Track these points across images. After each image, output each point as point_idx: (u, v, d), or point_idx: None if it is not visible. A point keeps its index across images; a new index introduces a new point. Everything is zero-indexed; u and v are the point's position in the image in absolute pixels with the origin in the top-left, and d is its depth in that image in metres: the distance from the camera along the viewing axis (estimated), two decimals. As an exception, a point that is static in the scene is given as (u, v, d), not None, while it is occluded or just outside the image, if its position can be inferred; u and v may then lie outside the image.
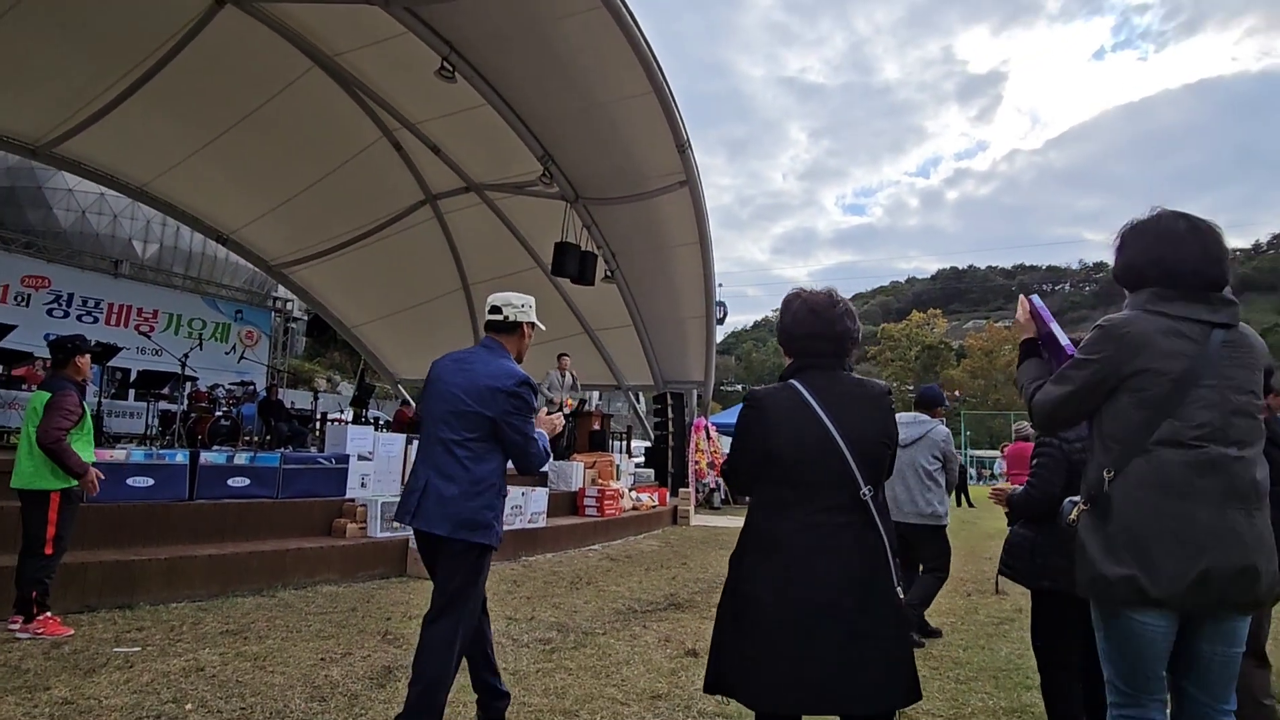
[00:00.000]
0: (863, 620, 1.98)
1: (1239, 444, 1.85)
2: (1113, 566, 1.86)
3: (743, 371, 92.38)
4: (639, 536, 10.54)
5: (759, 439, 2.14)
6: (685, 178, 10.46)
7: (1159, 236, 2.01)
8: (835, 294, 2.29)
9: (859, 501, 2.06)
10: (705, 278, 12.56)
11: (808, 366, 2.22)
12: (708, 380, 14.67)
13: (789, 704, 2.01)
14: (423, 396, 3.17)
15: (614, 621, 5.33)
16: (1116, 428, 1.94)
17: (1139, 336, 1.91)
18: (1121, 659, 1.94)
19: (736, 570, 2.18)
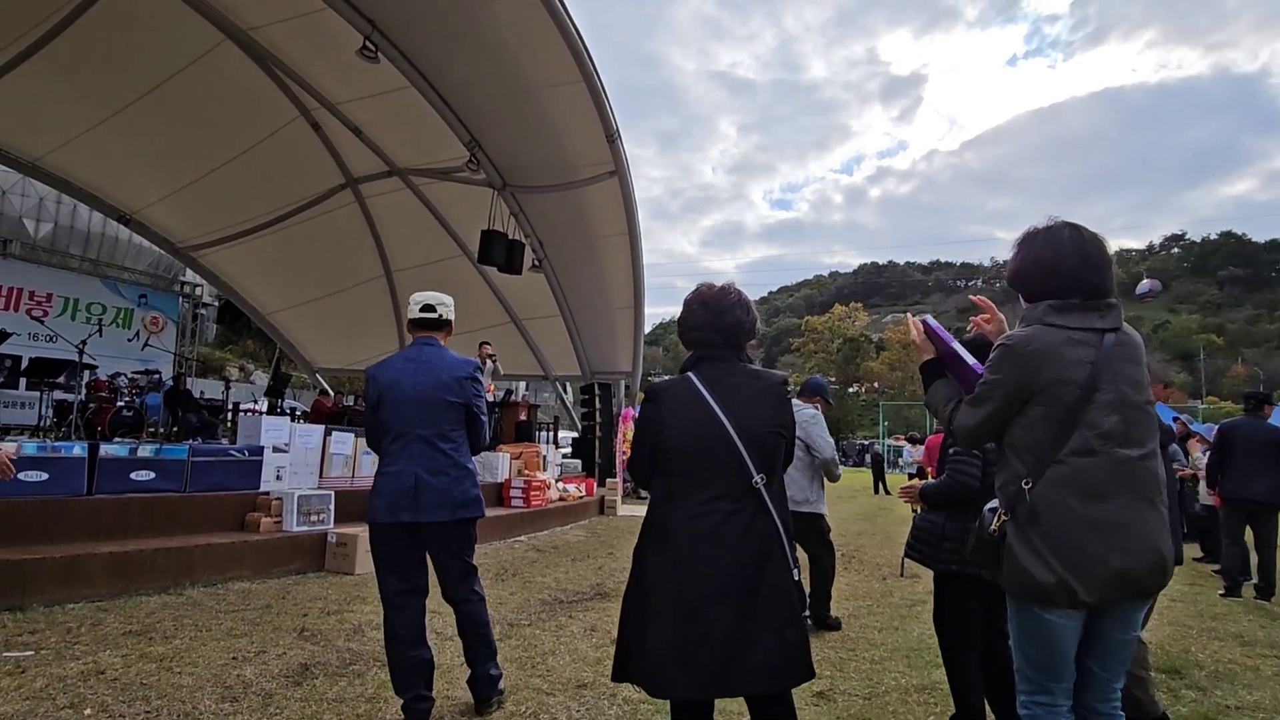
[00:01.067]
0: (754, 604, 2.06)
1: (1139, 443, 1.97)
2: (1045, 573, 1.91)
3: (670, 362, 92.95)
4: (566, 527, 10.51)
5: (654, 431, 2.21)
6: (615, 168, 10.45)
7: (1047, 245, 2.10)
8: (730, 287, 2.34)
9: (752, 489, 2.13)
10: (634, 268, 12.59)
11: (703, 359, 2.28)
12: (635, 371, 14.73)
13: (685, 689, 2.07)
14: (381, 403, 3.28)
15: (540, 612, 5.31)
16: (1030, 439, 2.00)
17: (1043, 351, 1.98)
18: (1036, 651, 2.02)
19: (638, 562, 2.24)
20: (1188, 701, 3.75)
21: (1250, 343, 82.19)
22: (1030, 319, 2.08)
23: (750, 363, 2.33)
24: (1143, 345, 2.11)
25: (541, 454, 11.74)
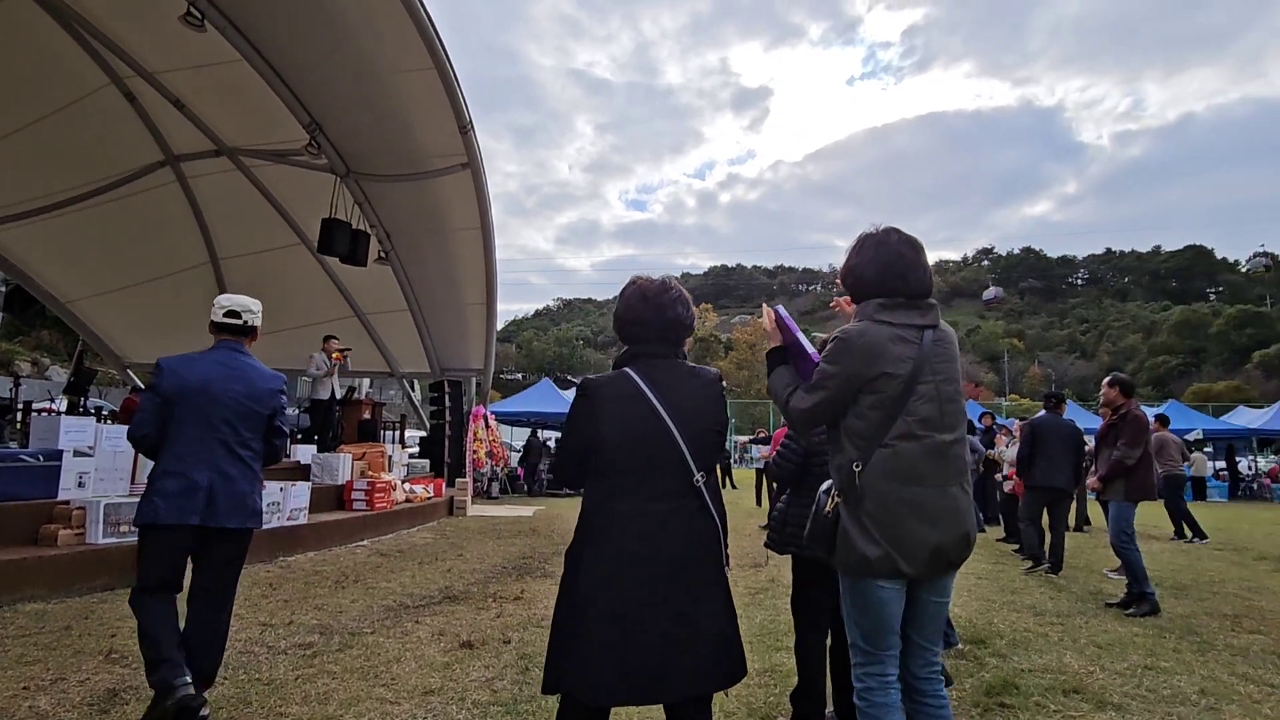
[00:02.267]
0: (690, 606, 2.03)
1: (952, 430, 2.21)
2: (872, 548, 2.13)
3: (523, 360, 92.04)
4: (412, 530, 10.15)
5: (591, 428, 2.11)
6: (467, 160, 10.17)
7: (877, 247, 2.31)
8: (670, 281, 2.30)
9: (692, 487, 2.10)
10: (487, 264, 12.31)
11: (641, 354, 2.22)
12: (487, 368, 14.42)
13: (625, 695, 2.00)
14: (181, 400, 3.17)
15: (384, 619, 5.10)
16: (860, 426, 2.19)
17: (874, 344, 2.18)
18: (866, 621, 2.22)
19: (572, 564, 2.13)
20: (991, 668, 4.17)
21: (1045, 347, 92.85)
22: (862, 315, 2.28)
23: (686, 359, 2.29)
24: (956, 341, 2.36)
25: (386, 454, 11.27)
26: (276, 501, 7.58)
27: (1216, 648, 4.70)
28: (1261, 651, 4.61)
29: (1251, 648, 4.70)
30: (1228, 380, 63.68)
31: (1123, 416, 6.12)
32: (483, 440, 14.61)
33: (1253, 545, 10.29)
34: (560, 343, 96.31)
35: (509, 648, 4.44)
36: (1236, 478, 22.49)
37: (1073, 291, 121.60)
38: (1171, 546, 10.02)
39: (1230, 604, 6.07)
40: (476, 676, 3.89)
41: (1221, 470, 23.01)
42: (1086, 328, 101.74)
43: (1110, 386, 6.36)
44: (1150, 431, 6.30)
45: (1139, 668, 4.22)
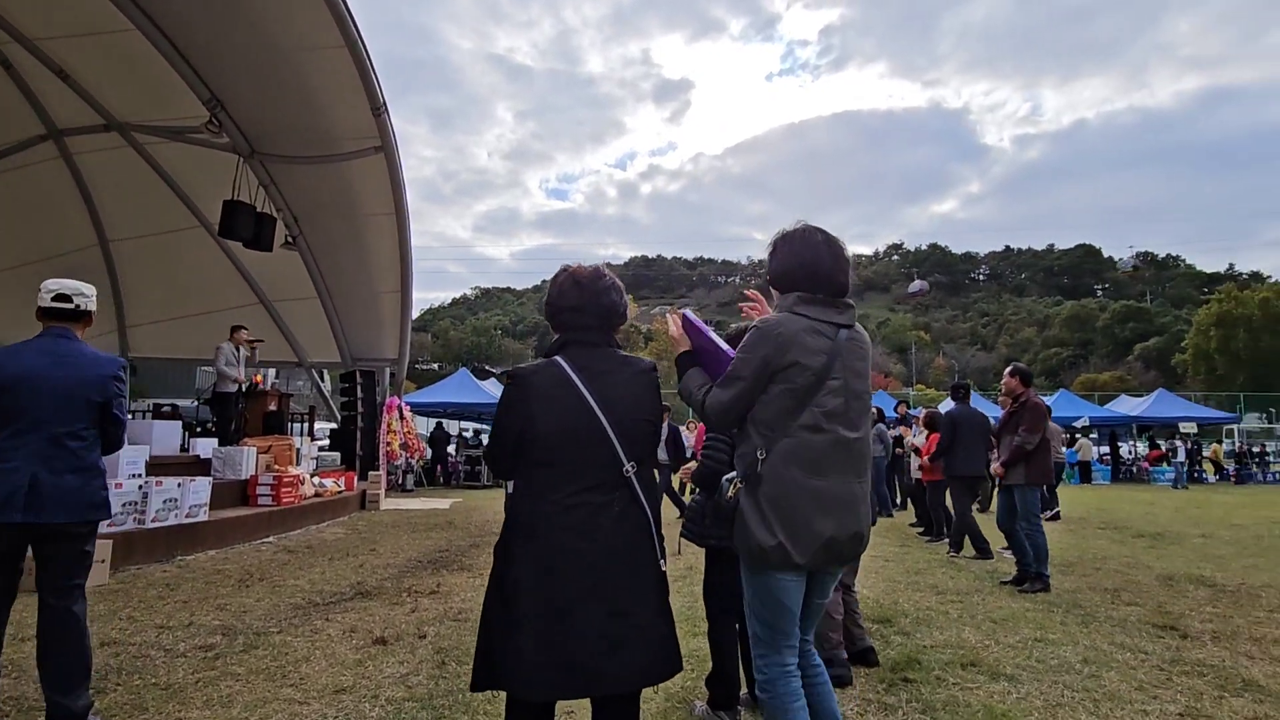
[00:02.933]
0: (625, 599, 2.00)
1: (857, 426, 2.25)
2: (766, 536, 2.13)
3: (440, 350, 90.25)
4: (322, 525, 9.82)
5: (520, 418, 2.06)
6: (381, 144, 9.86)
7: (803, 245, 2.34)
8: (603, 269, 2.27)
9: (623, 479, 2.06)
10: (401, 251, 11.98)
11: (572, 342, 2.17)
12: (402, 358, 14.06)
13: (561, 690, 1.96)
14: (2, 394, 3.00)
15: (291, 618, 4.92)
16: (768, 414, 2.20)
17: (790, 334, 2.20)
18: (766, 612, 2.24)
19: (502, 558, 2.08)
20: (895, 645, 4.35)
21: (949, 339, 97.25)
22: (781, 307, 2.32)
23: (619, 348, 2.25)
24: (870, 344, 2.41)
25: (294, 447, 10.85)
26: (174, 498, 7.21)
27: (1098, 619, 5.05)
28: (1138, 622, 4.97)
29: (1129, 618, 5.06)
30: (1112, 371, 68.30)
31: (1023, 404, 6.46)
32: (397, 432, 14.25)
33: (1131, 524, 11.07)
34: (478, 332, 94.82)
35: (425, 643, 4.36)
36: (1119, 461, 24.15)
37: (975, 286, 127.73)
38: (1060, 526, 10.68)
39: (1111, 579, 6.53)
40: (391, 673, 3.80)
41: (1105, 455, 24.67)
42: (987, 321, 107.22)
43: (1011, 376, 6.71)
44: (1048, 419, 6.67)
45: (1030, 640, 4.49)
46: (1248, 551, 8.26)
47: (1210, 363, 59.48)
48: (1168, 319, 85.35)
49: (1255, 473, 23.62)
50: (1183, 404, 26.67)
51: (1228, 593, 5.96)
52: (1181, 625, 4.87)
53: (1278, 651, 4.28)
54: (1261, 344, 56.53)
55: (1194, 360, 61.17)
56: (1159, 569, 7.03)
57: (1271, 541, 9.11)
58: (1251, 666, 3.99)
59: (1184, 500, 15.84)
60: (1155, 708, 3.38)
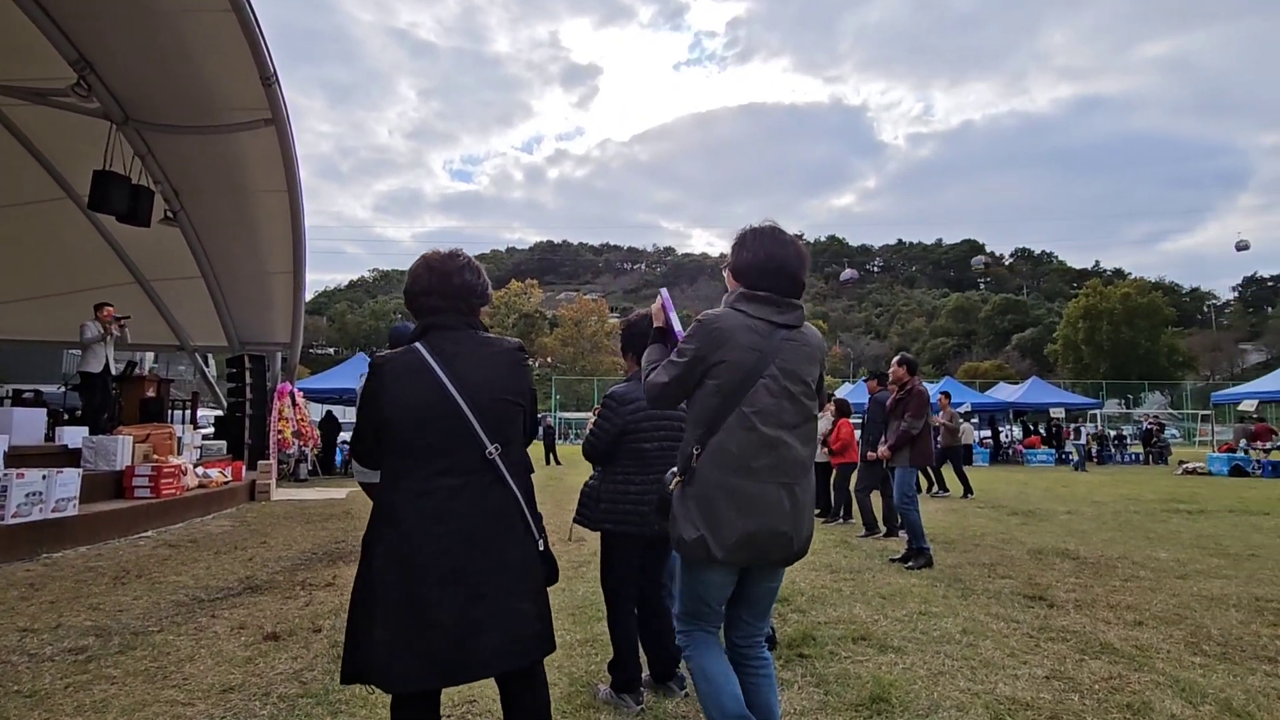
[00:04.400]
0: (484, 582, 1.97)
1: (789, 427, 2.24)
2: (690, 529, 2.20)
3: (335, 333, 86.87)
4: (207, 517, 9.32)
5: (378, 406, 2.03)
6: (271, 115, 9.34)
7: (773, 242, 2.33)
8: (458, 251, 2.24)
9: (485, 461, 2.03)
10: (294, 229, 11.43)
11: (431, 327, 2.14)
12: (295, 342, 13.45)
13: (417, 680, 1.93)
14: None
15: (173, 615, 4.66)
16: (700, 412, 2.25)
17: (726, 331, 2.22)
18: (691, 597, 2.34)
19: (365, 550, 2.04)
20: (792, 623, 4.52)
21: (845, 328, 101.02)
22: (725, 302, 2.35)
23: (483, 330, 2.21)
24: (821, 346, 2.41)
25: (175, 435, 10.23)
26: (38, 491, 6.67)
27: (976, 592, 5.39)
28: (1011, 594, 5.34)
29: (1003, 591, 5.43)
30: (992, 360, 72.76)
31: (908, 392, 6.82)
32: (289, 419, 13.65)
33: (1007, 503, 11.86)
34: (377, 316, 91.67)
35: (320, 637, 4.22)
36: (998, 445, 25.80)
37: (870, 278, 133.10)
38: (943, 506, 11.34)
39: (988, 554, 6.98)
40: (283, 669, 3.66)
41: (985, 438, 26.32)
42: (880, 311, 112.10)
43: (899, 365, 7.07)
44: (931, 405, 7.06)
45: (915, 614, 4.75)
46: (1106, 526, 9.01)
47: (1077, 352, 64.37)
48: (1041, 311, 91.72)
49: (1114, 454, 25.70)
50: (1053, 391, 28.74)
51: (1089, 564, 6.48)
52: (1049, 595, 5.26)
53: (1130, 617, 4.70)
54: (1121, 336, 61.61)
55: (1063, 350, 66.04)
56: (1030, 544, 7.57)
57: (1127, 517, 9.96)
58: (1108, 631, 4.36)
59: (1053, 480, 17.09)
60: (1025, 672, 3.64)
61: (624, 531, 3.26)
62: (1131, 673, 3.63)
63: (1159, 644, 4.11)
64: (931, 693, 3.36)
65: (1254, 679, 3.55)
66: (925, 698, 3.29)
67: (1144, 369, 58.63)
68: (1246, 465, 18.80)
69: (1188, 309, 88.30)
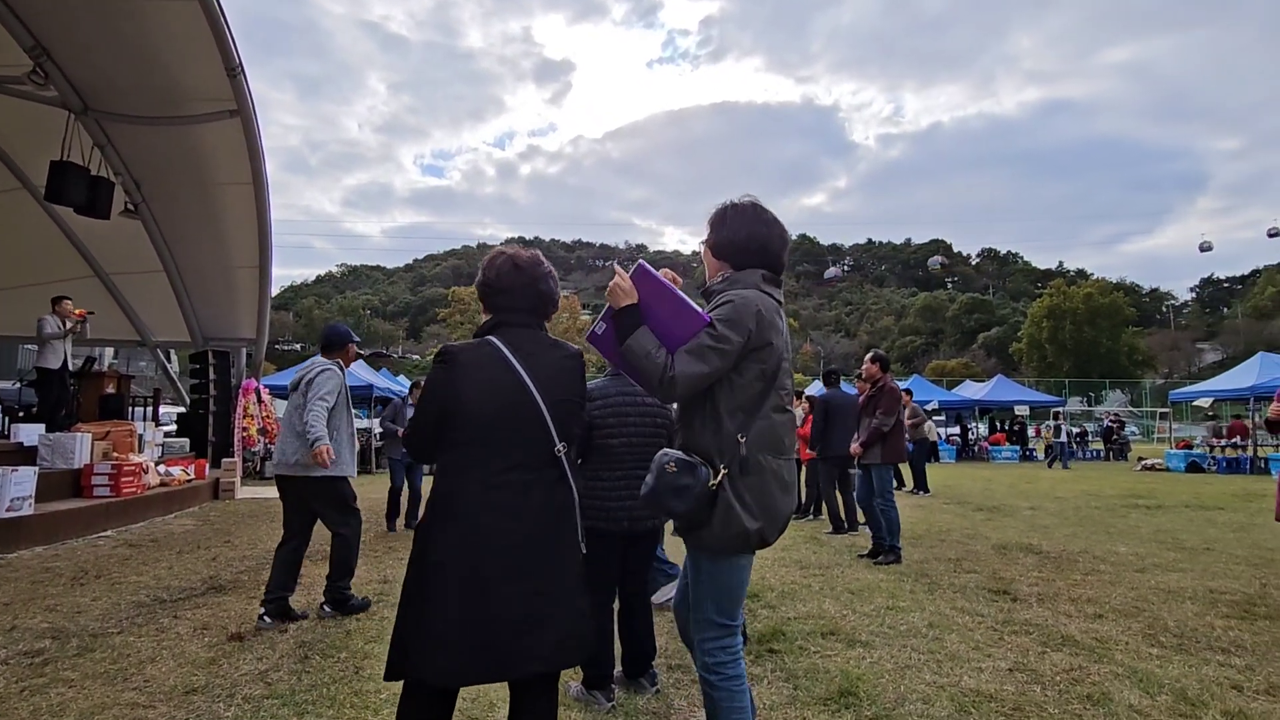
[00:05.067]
0: (546, 578, 1.98)
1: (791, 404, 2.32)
2: (751, 521, 2.11)
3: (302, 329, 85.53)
4: (170, 516, 9.13)
5: (450, 395, 2.03)
6: (237, 107, 9.17)
7: (756, 220, 2.31)
8: (540, 256, 2.28)
9: (554, 457, 2.06)
10: (260, 224, 11.23)
11: (504, 324, 2.18)
12: (260, 338, 13.23)
13: (474, 675, 1.91)
14: None
15: (134, 617, 4.56)
16: (743, 398, 2.16)
17: (766, 314, 2.17)
18: (725, 595, 2.22)
19: (422, 540, 2.02)
20: (762, 618, 4.55)
21: (815, 326, 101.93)
22: (747, 284, 2.24)
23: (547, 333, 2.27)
24: None
25: (136, 433, 10.02)
26: (-8, 490, 6.49)
27: (942, 587, 5.48)
28: (976, 588, 5.44)
29: (968, 585, 5.53)
30: (959, 358, 73.85)
31: (880, 389, 6.89)
32: (254, 416, 13.44)
33: (972, 499, 12.06)
34: (345, 312, 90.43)
35: (286, 637, 4.16)
36: (965, 442, 26.21)
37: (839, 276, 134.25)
38: (911, 502, 11.49)
39: (954, 549, 7.09)
40: (248, 670, 3.60)
41: (953, 435, 26.72)
42: (850, 309, 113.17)
43: (872, 363, 7.13)
44: (903, 402, 7.14)
45: (883, 609, 4.82)
46: (1068, 522, 9.20)
47: (1041, 351, 65.65)
48: (1007, 311, 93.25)
49: (1075, 451, 26.25)
50: (1018, 389, 29.21)
51: (1051, 559, 6.61)
52: (1012, 589, 5.36)
53: (1090, 610, 4.80)
54: (1084, 335, 62.96)
55: (1028, 349, 67.31)
56: (994, 539, 7.70)
57: (1088, 513, 10.18)
58: (1069, 624, 4.46)
59: (1017, 476, 17.41)
60: (989, 664, 3.71)
61: (593, 528, 3.25)
62: (1091, 664, 3.71)
63: (1118, 636, 4.21)
64: (898, 686, 3.40)
65: (1208, 669, 3.66)
66: (892, 691, 3.34)
67: (1105, 367, 59.99)
68: (1203, 461, 19.32)
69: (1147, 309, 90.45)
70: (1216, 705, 3.18)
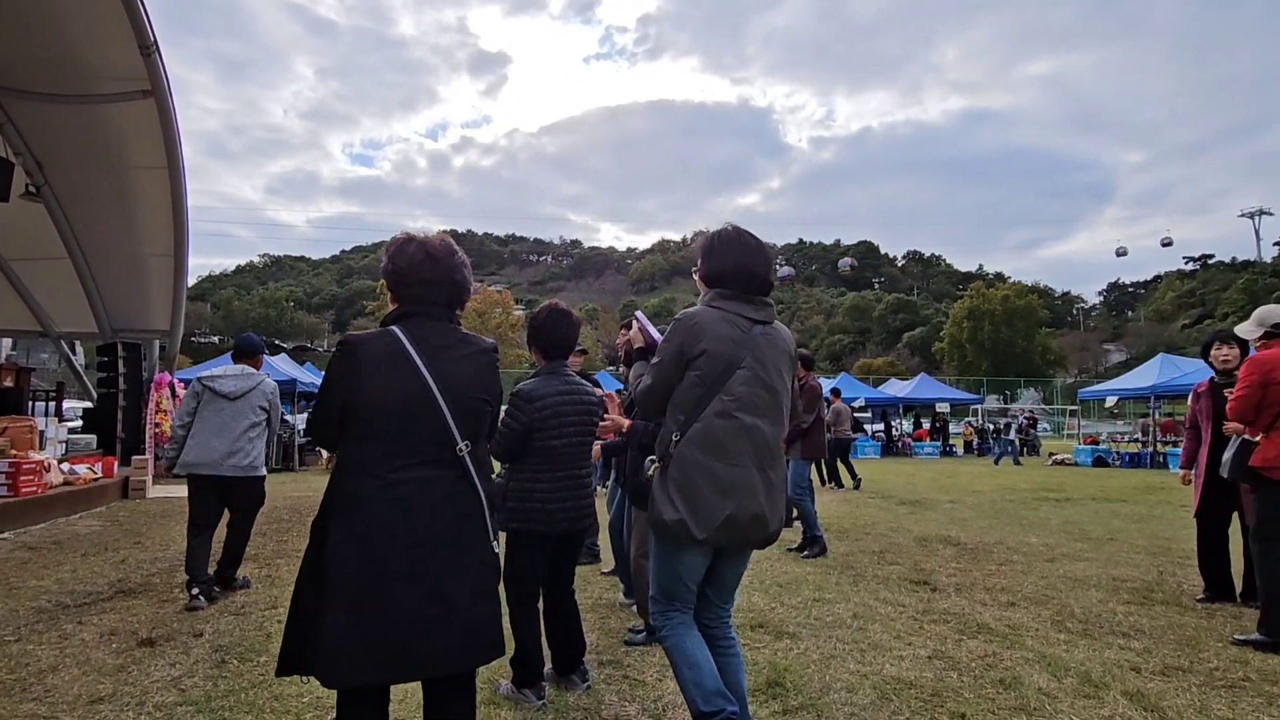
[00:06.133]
0: (445, 580, 1.93)
1: (764, 415, 2.41)
2: (670, 511, 2.32)
3: (220, 321, 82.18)
4: (74, 517, 8.64)
5: (348, 388, 1.95)
6: (151, 87, 8.72)
7: (740, 249, 2.50)
8: (454, 244, 2.19)
9: (455, 457, 2.00)
10: (175, 210, 10.71)
11: (413, 314, 2.07)
12: (175, 330, 12.63)
13: (371, 674, 1.87)
14: None
15: (34, 623, 4.30)
16: (683, 400, 2.40)
17: (703, 324, 2.39)
18: (667, 579, 2.46)
19: (318, 536, 1.95)
20: (693, 613, 4.60)
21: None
22: (701, 302, 2.53)
23: (459, 325, 2.17)
24: (791, 340, 2.61)
25: (37, 429, 9.45)
26: (-128, 490, 6.02)
27: (866, 578, 5.64)
28: (898, 579, 5.62)
29: (891, 577, 5.71)
30: (885, 356, 76.08)
31: (802, 387, 7.06)
32: (168, 412, 12.82)
33: (896, 493, 12.46)
34: (267, 303, 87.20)
35: (201, 641, 3.99)
36: (890, 438, 27.04)
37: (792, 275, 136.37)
38: (838, 497, 11.80)
39: (878, 542, 7.32)
40: (160, 676, 3.44)
41: (879, 431, 27.54)
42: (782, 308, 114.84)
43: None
44: (825, 400, 7.33)
45: (810, 601, 4.93)
46: (985, 514, 9.60)
47: (962, 350, 68.31)
48: (930, 311, 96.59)
49: (993, 447, 27.39)
50: (940, 387, 30.30)
51: (968, 550, 6.89)
52: (932, 580, 5.56)
53: (1004, 598, 5.02)
54: (1001, 335, 65.78)
55: (950, 348, 69.92)
56: (916, 532, 7.98)
57: (1003, 506, 10.64)
58: (984, 612, 4.65)
59: (938, 471, 18.06)
60: (909, 653, 3.84)
61: (529, 530, 3.23)
62: (1005, 650, 3.89)
63: (1029, 623, 4.42)
64: (824, 676, 3.49)
65: (1110, 652, 3.87)
66: (818, 681, 3.42)
67: (1021, 366, 62.81)
68: (1108, 456, 20.42)
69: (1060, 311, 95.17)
70: (1117, 686, 3.37)
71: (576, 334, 3.50)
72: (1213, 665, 3.68)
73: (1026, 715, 3.05)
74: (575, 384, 3.40)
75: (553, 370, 3.38)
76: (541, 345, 3.42)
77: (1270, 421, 4.07)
